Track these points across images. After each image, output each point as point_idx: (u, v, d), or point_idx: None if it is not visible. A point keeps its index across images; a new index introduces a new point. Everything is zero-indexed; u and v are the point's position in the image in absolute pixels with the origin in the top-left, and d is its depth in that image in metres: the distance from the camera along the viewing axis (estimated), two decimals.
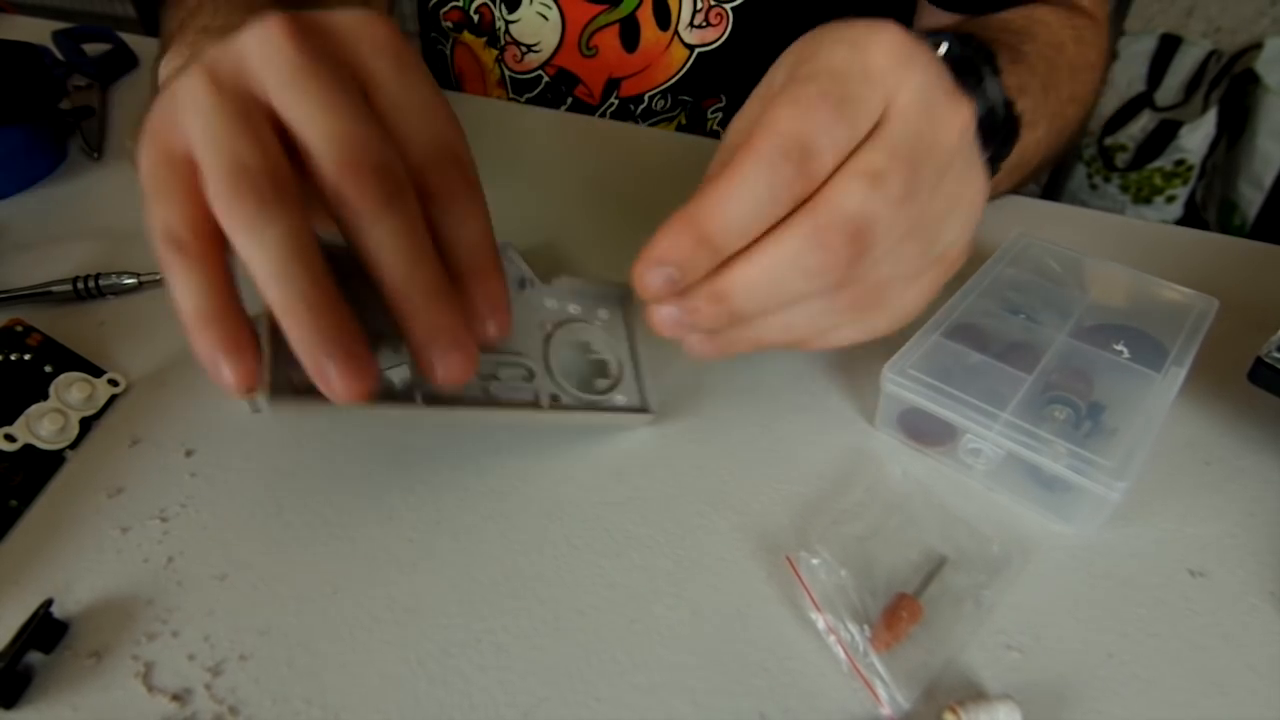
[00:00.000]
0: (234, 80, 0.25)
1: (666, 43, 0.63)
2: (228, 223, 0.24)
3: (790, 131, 0.24)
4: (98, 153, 0.61)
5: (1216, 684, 0.27)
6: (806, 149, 0.24)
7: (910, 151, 0.26)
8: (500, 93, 0.69)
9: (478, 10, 0.67)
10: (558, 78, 0.66)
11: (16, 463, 0.34)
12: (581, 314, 0.38)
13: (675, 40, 0.63)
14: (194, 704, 0.27)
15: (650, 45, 0.63)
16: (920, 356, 0.34)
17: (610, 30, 0.63)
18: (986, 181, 0.30)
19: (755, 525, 0.32)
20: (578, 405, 0.34)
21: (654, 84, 0.65)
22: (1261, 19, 1.50)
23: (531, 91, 0.68)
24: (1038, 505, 0.32)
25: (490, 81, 0.69)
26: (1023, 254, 0.40)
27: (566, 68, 0.66)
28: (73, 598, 0.30)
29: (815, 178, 0.25)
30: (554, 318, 0.36)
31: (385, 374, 0.31)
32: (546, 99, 0.68)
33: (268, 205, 0.24)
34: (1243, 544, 0.31)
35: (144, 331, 0.43)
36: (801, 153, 0.24)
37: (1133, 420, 0.31)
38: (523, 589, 0.30)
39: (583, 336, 0.37)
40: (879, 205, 0.25)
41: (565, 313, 0.37)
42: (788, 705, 0.26)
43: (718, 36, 0.62)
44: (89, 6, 3.08)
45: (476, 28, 0.68)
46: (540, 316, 0.36)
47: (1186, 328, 0.35)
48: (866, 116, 0.26)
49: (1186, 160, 1.51)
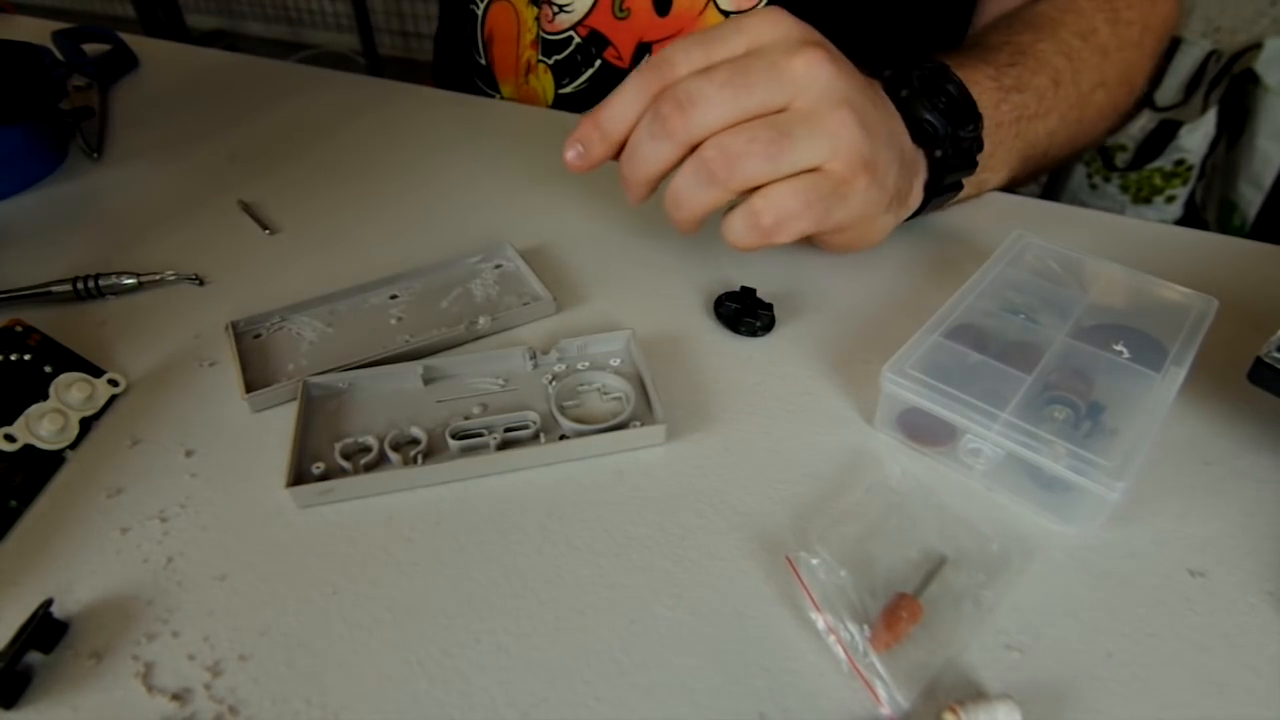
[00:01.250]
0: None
1: (701, 8, 0.63)
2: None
3: (661, 54, 0.37)
4: (98, 153, 0.61)
5: (1216, 684, 0.27)
6: (667, 61, 0.36)
7: (746, 63, 0.35)
8: (532, 53, 0.68)
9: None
10: (589, 39, 0.66)
11: (16, 463, 0.34)
12: (592, 366, 0.39)
13: (710, 6, 0.63)
14: (194, 704, 0.27)
15: (683, 9, 0.63)
16: (920, 356, 0.34)
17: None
18: (858, 121, 0.36)
19: (755, 525, 0.32)
20: (585, 433, 0.35)
21: None
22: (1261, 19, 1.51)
23: (561, 53, 0.67)
24: (1037, 505, 0.32)
25: (524, 42, 0.69)
26: (1022, 254, 0.40)
27: (598, 29, 0.65)
28: (73, 598, 0.30)
29: (668, 80, 0.36)
30: (564, 375, 0.38)
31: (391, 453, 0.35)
32: (576, 61, 0.67)
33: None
34: (1242, 544, 0.31)
35: (144, 331, 0.43)
36: (663, 63, 0.36)
37: (1132, 420, 0.31)
38: (523, 589, 0.30)
39: (595, 383, 0.38)
40: (703, 85, 0.35)
41: (574, 369, 0.39)
42: (787, 705, 0.26)
43: (754, 4, 0.62)
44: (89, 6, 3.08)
45: None
46: (548, 378, 0.38)
47: (1186, 328, 0.35)
48: (724, 48, 0.36)
49: (1186, 160, 1.50)
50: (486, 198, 0.55)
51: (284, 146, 0.62)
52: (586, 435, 0.35)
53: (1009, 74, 0.45)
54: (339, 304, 0.44)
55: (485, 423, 0.36)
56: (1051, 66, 0.47)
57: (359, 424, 0.37)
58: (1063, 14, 0.51)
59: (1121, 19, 0.52)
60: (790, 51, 0.35)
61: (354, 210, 0.53)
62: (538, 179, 0.56)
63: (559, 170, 0.42)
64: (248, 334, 0.42)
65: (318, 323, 0.43)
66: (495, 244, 0.47)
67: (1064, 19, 0.50)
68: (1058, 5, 0.52)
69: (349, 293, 0.44)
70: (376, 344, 0.41)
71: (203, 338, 0.43)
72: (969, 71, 0.43)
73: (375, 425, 0.36)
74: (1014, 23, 0.51)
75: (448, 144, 0.61)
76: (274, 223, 0.52)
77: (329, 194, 0.55)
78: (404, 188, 0.56)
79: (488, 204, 0.54)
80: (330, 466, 0.34)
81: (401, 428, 0.35)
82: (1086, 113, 0.50)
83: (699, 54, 0.36)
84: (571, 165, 0.39)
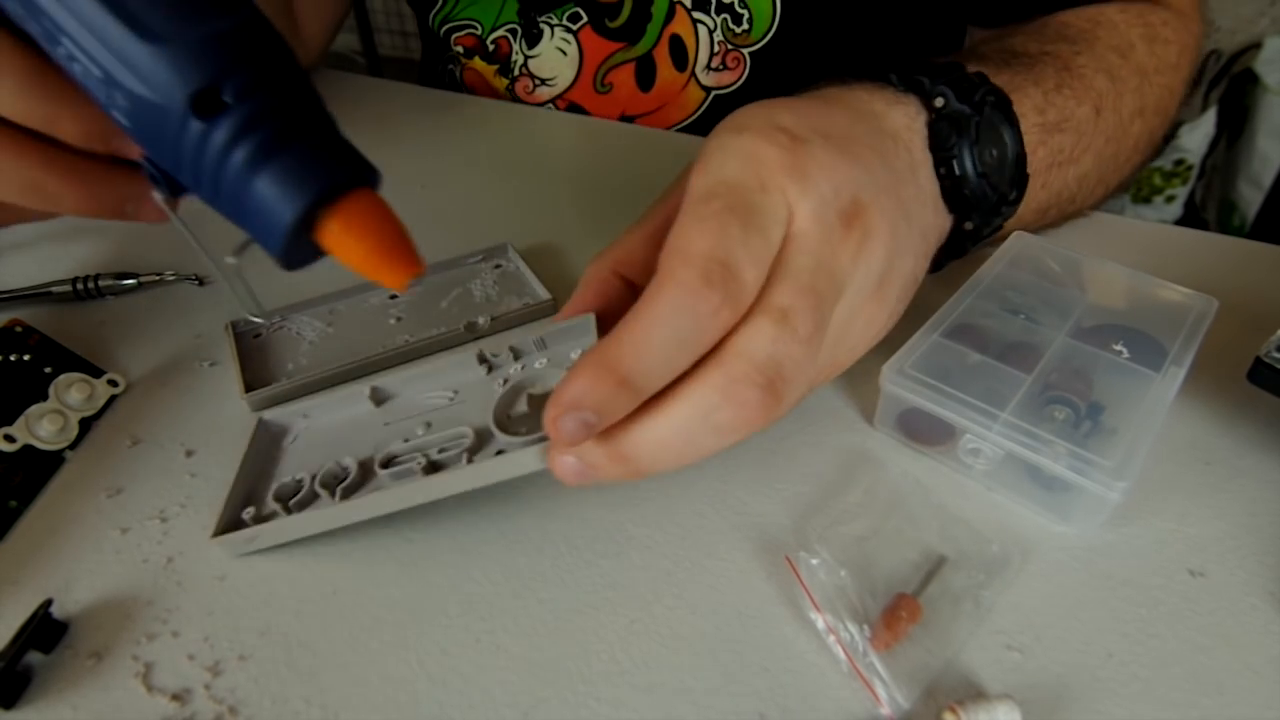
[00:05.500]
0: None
1: (683, 84, 0.62)
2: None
3: (707, 251, 0.23)
4: None
5: (1216, 684, 0.27)
6: (728, 267, 0.23)
7: (812, 280, 0.25)
8: None
9: (494, 41, 0.66)
10: (568, 111, 0.66)
11: (16, 463, 0.34)
12: (549, 364, 0.33)
13: (692, 81, 0.62)
14: (194, 704, 0.27)
15: (666, 85, 0.63)
16: (919, 356, 0.34)
17: (626, 68, 0.63)
18: (887, 307, 0.30)
19: (755, 525, 0.32)
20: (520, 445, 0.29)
21: (669, 124, 0.65)
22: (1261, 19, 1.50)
23: None
24: (1037, 505, 0.32)
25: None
26: (1022, 254, 0.40)
27: (578, 103, 0.66)
28: (73, 598, 0.30)
29: (742, 301, 0.24)
30: (515, 379, 0.33)
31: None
32: None
33: None
34: (1243, 544, 0.31)
35: (144, 331, 0.43)
36: (724, 272, 0.23)
37: (1132, 420, 0.31)
38: (523, 589, 0.30)
39: (553, 383, 0.32)
40: (790, 346, 0.24)
41: (531, 369, 0.33)
42: (787, 705, 0.26)
43: (735, 80, 0.62)
44: None
45: (490, 56, 0.67)
46: (500, 382, 0.34)
47: (1186, 328, 0.35)
48: (776, 224, 0.25)
49: (1186, 160, 1.50)
50: (486, 198, 0.55)
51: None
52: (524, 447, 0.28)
53: (1055, 104, 0.39)
54: (339, 304, 0.44)
55: (419, 444, 0.32)
56: (1095, 90, 0.41)
57: (311, 458, 0.33)
58: (1094, 26, 0.45)
59: (1159, 37, 0.46)
60: (835, 244, 0.26)
61: None
62: (538, 179, 0.56)
63: (559, 170, 0.42)
64: (248, 334, 0.42)
65: (318, 323, 0.43)
66: (495, 244, 0.47)
67: (1097, 32, 0.44)
68: (1084, 15, 0.46)
69: (349, 293, 0.44)
70: (376, 344, 0.41)
71: (203, 338, 0.43)
72: (1018, 99, 0.37)
73: (319, 458, 0.33)
74: (1045, 30, 0.44)
75: (448, 144, 0.61)
76: None
77: None
78: (404, 187, 0.56)
79: (487, 204, 0.54)
80: (262, 511, 0.31)
81: (340, 459, 0.32)
82: (1123, 145, 0.44)
83: (758, 243, 0.24)
84: (569, 441, 0.24)
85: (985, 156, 0.34)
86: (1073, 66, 0.41)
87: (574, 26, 0.63)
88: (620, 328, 0.23)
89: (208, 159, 0.22)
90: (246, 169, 0.22)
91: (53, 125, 0.25)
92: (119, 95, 0.22)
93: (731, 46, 0.61)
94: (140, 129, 0.23)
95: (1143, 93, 0.44)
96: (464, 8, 0.66)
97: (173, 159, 0.23)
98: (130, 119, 0.23)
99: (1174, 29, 0.47)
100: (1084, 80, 0.41)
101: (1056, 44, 0.42)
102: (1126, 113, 0.43)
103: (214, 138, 0.22)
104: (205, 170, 0.22)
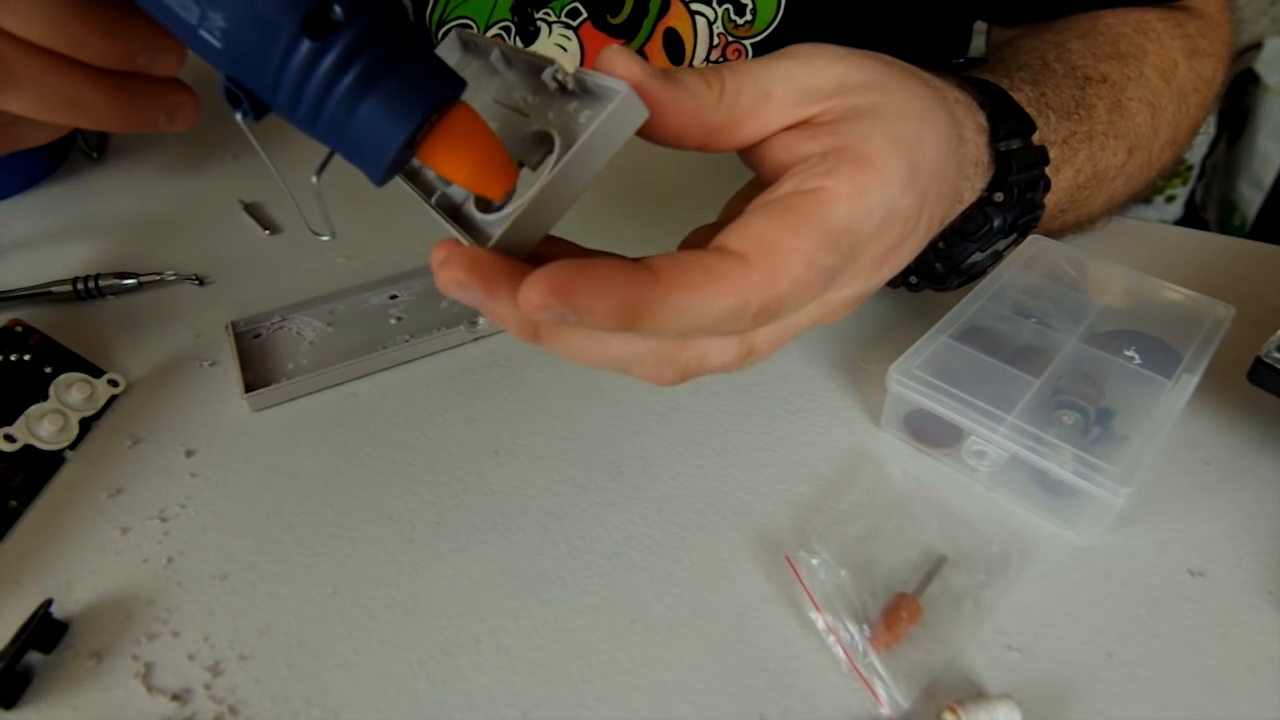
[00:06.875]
0: None
1: None
2: None
3: (789, 293, 0.23)
4: (98, 153, 0.61)
5: (1216, 684, 0.27)
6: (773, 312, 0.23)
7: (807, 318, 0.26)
8: None
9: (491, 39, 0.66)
10: None
11: (16, 463, 0.34)
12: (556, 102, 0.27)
13: None
14: (194, 704, 0.27)
15: None
16: (927, 358, 0.34)
17: None
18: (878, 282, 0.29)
19: (755, 525, 0.32)
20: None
21: None
22: (1261, 19, 1.50)
23: None
24: (1041, 509, 0.32)
25: None
26: (1036, 257, 0.39)
27: None
28: (73, 598, 0.30)
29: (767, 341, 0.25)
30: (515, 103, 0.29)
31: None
32: None
33: None
34: (1243, 544, 0.31)
35: (144, 331, 0.43)
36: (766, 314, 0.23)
37: (1141, 427, 0.31)
38: (523, 589, 0.30)
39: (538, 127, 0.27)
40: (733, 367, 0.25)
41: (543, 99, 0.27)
42: (787, 705, 0.26)
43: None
44: None
45: None
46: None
47: (1201, 335, 0.34)
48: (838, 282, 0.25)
49: (1186, 160, 1.50)
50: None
51: (285, 146, 0.62)
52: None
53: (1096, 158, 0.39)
54: (339, 304, 0.44)
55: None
56: (1134, 131, 0.40)
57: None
58: (1143, 38, 0.43)
59: (1198, 50, 0.45)
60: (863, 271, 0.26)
61: (355, 210, 0.53)
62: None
63: None
64: (248, 334, 0.42)
65: (318, 322, 0.43)
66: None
67: (1146, 47, 0.42)
68: (1131, 22, 0.44)
69: (349, 293, 0.44)
70: (376, 343, 0.41)
71: (203, 338, 0.43)
72: (1065, 163, 0.37)
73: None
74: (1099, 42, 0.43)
75: None
76: (274, 223, 0.52)
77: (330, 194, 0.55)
78: (404, 187, 0.56)
79: None
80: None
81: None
82: (1144, 177, 0.43)
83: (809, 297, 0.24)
84: (536, 312, 0.21)
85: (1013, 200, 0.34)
86: (1122, 102, 0.40)
87: (573, 23, 0.63)
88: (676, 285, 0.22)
89: (316, 80, 0.22)
90: (355, 89, 0.22)
91: (80, 48, 0.26)
92: (217, 16, 0.22)
93: (732, 39, 0.60)
94: (235, 51, 0.22)
95: (1178, 120, 0.43)
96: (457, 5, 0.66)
97: (270, 80, 0.22)
98: (225, 40, 0.22)
99: (1209, 40, 0.46)
100: (1128, 119, 0.40)
101: (1109, 64, 0.41)
102: (1158, 146, 0.43)
103: (325, 58, 0.21)
104: (309, 91, 0.22)
